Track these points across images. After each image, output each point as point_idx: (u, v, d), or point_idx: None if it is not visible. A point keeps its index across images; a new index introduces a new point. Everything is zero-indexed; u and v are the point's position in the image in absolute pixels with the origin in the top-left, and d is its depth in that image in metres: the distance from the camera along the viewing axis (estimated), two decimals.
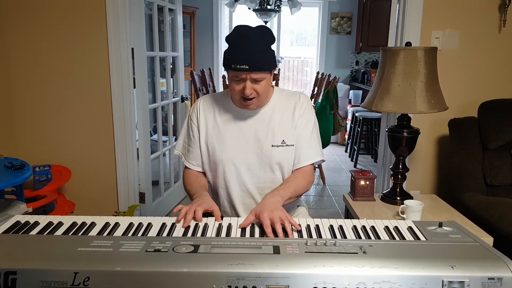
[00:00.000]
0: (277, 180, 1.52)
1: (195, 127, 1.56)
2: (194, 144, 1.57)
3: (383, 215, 1.95)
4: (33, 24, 2.49)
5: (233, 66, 1.35)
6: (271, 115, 1.51)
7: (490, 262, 0.94)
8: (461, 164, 2.34)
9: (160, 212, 3.07)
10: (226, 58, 1.39)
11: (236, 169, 1.51)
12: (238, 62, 1.34)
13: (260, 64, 1.36)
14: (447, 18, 2.51)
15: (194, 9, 5.79)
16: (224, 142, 1.51)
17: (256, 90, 1.40)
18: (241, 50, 1.35)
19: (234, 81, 1.41)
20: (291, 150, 1.51)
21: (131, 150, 2.66)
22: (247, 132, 1.51)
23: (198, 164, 1.58)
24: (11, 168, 2.06)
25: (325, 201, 3.67)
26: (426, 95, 1.87)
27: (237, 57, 1.35)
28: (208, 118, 1.54)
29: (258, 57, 1.35)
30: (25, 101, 2.59)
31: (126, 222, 1.20)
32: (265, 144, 1.49)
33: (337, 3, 6.11)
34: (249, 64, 1.34)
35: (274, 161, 1.49)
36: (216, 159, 1.51)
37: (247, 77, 1.37)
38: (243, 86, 1.39)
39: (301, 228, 1.20)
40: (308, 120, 1.54)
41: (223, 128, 1.52)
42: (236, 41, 1.38)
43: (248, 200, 1.54)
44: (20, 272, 0.89)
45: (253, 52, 1.35)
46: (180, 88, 3.42)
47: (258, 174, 1.51)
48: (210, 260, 0.93)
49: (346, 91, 5.89)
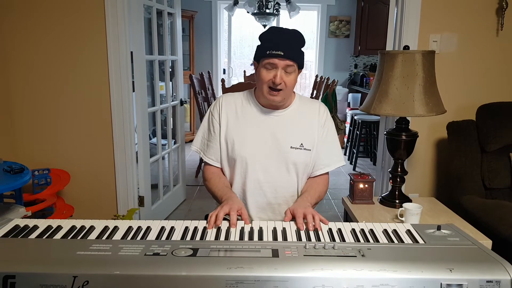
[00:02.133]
0: (292, 181, 1.56)
1: (216, 122, 1.58)
2: (214, 139, 1.59)
3: (381, 218, 1.96)
4: (32, 27, 2.49)
5: (268, 52, 1.41)
6: (291, 118, 1.56)
7: (489, 265, 0.94)
8: (459, 167, 2.35)
9: (159, 216, 3.07)
10: (261, 48, 1.45)
11: (253, 166, 1.53)
12: (274, 48, 1.40)
13: (294, 54, 1.43)
14: (445, 21, 2.52)
15: (193, 13, 5.81)
16: (244, 139, 1.54)
17: (285, 82, 1.44)
18: (277, 39, 1.43)
19: (265, 69, 1.44)
20: (308, 154, 1.54)
21: (130, 153, 2.66)
22: (266, 131, 1.54)
23: (217, 159, 1.60)
24: (10, 171, 2.05)
25: (324, 204, 3.67)
26: (424, 98, 1.88)
27: (273, 44, 1.41)
28: (230, 114, 1.57)
29: (293, 47, 1.43)
30: (24, 104, 2.59)
31: (125, 226, 1.20)
32: (284, 145, 1.52)
33: (336, 6, 6.13)
34: (284, 51, 1.40)
35: (290, 161, 1.53)
36: (234, 155, 1.54)
37: (280, 65, 1.41)
38: (274, 75, 1.43)
39: (328, 223, 1.26)
40: (329, 130, 1.60)
41: (243, 125, 1.55)
42: (271, 33, 1.46)
43: (260, 199, 1.56)
44: (19, 276, 0.89)
45: (288, 42, 1.43)
46: (179, 92, 3.42)
47: (273, 173, 1.54)
48: (209, 263, 0.93)
49: (345, 94, 5.90)
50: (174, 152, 3.52)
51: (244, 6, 4.95)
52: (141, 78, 2.79)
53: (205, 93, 4.20)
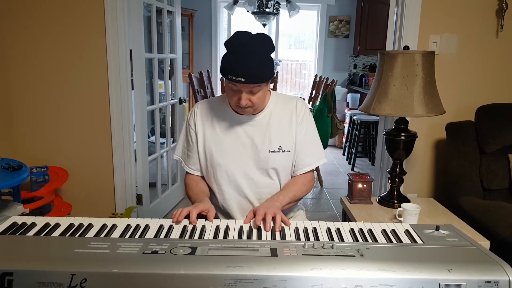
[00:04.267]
0: (274, 185, 1.54)
1: (193, 132, 1.57)
2: (192, 149, 1.58)
3: (380, 218, 1.96)
4: (32, 26, 2.49)
5: (230, 77, 1.34)
6: (268, 121, 1.52)
7: (487, 266, 0.95)
8: (458, 167, 2.35)
9: (158, 214, 3.07)
10: (224, 67, 1.37)
11: (234, 174, 1.51)
12: (235, 74, 1.32)
13: (257, 77, 1.34)
14: (444, 22, 2.53)
15: (192, 11, 5.80)
16: (222, 147, 1.52)
17: (251, 100, 1.40)
18: (239, 62, 1.33)
19: (230, 90, 1.42)
20: (287, 155, 1.52)
21: (128, 151, 2.66)
22: (244, 137, 1.51)
23: (198, 169, 1.59)
24: (8, 169, 2.05)
25: (323, 204, 3.67)
26: (424, 99, 1.88)
27: (234, 69, 1.33)
28: (206, 123, 1.55)
29: (255, 71, 1.33)
30: (23, 102, 2.58)
31: (123, 224, 1.20)
32: (262, 150, 1.50)
33: (336, 6, 6.13)
34: (245, 77, 1.32)
35: (270, 166, 1.51)
36: (213, 164, 1.52)
37: (244, 88, 1.37)
38: (239, 97, 1.39)
39: (290, 224, 1.25)
40: (307, 127, 1.55)
41: (220, 133, 1.53)
42: (235, 50, 1.35)
43: (245, 206, 1.54)
44: (17, 274, 0.89)
45: (250, 66, 1.32)
46: (178, 90, 3.42)
47: (255, 179, 1.52)
48: (207, 262, 0.93)
49: (344, 94, 5.90)
50: (173, 151, 3.49)
51: (244, 5, 4.94)
52: (140, 77, 2.78)
53: (204, 92, 4.20)
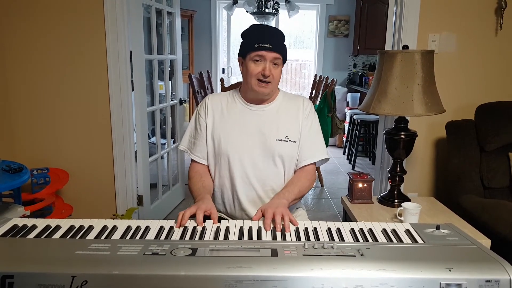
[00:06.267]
0: (279, 173, 1.58)
1: (203, 120, 1.62)
2: (200, 137, 1.62)
3: (380, 218, 1.96)
4: (31, 27, 2.49)
5: (257, 46, 1.45)
6: (276, 111, 1.60)
7: (488, 265, 0.94)
8: (458, 166, 2.35)
9: (158, 215, 3.07)
10: (247, 42, 1.50)
11: (240, 161, 1.55)
12: (262, 41, 1.45)
13: (281, 46, 1.50)
14: (444, 21, 2.53)
15: (192, 12, 5.81)
16: (230, 134, 1.57)
17: (273, 74, 1.49)
18: (264, 32, 1.49)
19: (253, 63, 1.49)
20: (293, 146, 1.57)
21: (129, 153, 2.66)
22: (252, 126, 1.57)
23: (204, 157, 1.62)
24: (9, 171, 2.05)
25: (323, 204, 3.67)
26: (423, 97, 1.88)
27: (260, 37, 1.46)
28: (216, 112, 1.61)
29: (279, 40, 1.50)
30: (23, 103, 2.58)
31: (124, 225, 1.20)
32: (269, 138, 1.55)
33: (335, 6, 6.13)
34: (272, 44, 1.46)
35: (276, 154, 1.55)
36: (221, 151, 1.56)
37: (268, 57, 1.46)
38: (263, 67, 1.47)
39: (298, 224, 1.25)
40: (312, 123, 1.62)
41: (229, 122, 1.59)
42: (257, 29, 1.54)
43: (250, 192, 1.58)
44: (18, 276, 0.89)
45: (275, 36, 1.49)
46: (178, 91, 3.42)
47: (261, 166, 1.56)
48: (208, 263, 0.93)
49: (344, 94, 5.90)
50: (173, 152, 3.51)
51: (243, 6, 4.94)
52: (140, 78, 2.79)
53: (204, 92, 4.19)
